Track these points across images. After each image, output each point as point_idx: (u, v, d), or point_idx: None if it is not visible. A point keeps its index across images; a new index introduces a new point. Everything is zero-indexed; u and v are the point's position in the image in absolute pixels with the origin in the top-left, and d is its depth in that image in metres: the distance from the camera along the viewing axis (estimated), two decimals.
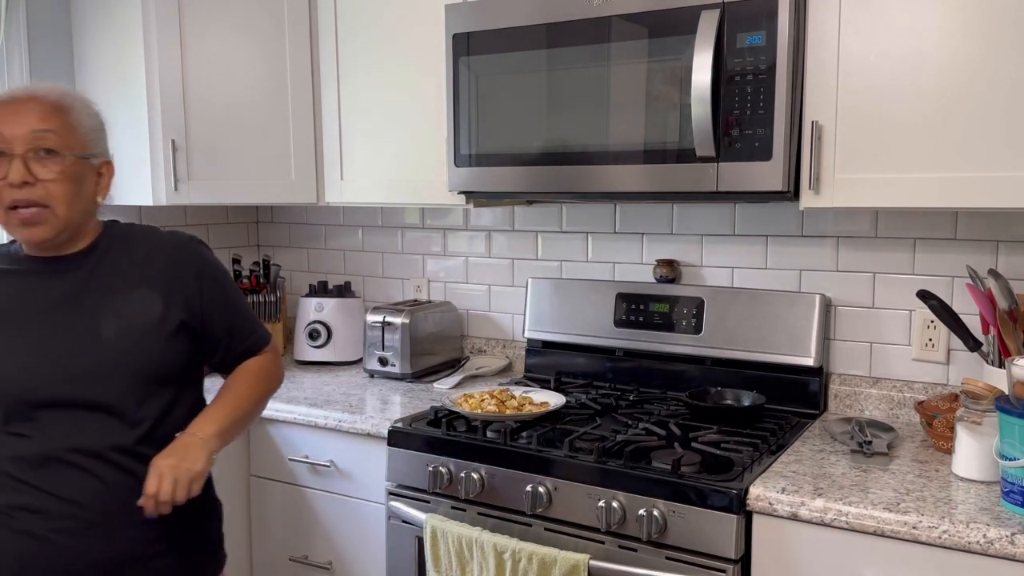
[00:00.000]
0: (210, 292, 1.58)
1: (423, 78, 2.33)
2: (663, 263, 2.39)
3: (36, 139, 1.40)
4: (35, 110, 1.42)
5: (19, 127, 1.40)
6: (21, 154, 1.39)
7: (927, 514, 1.52)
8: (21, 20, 2.48)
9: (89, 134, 1.49)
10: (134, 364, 1.46)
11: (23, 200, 1.40)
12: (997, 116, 1.65)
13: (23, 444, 1.42)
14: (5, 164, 1.40)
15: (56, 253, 1.50)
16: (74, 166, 1.44)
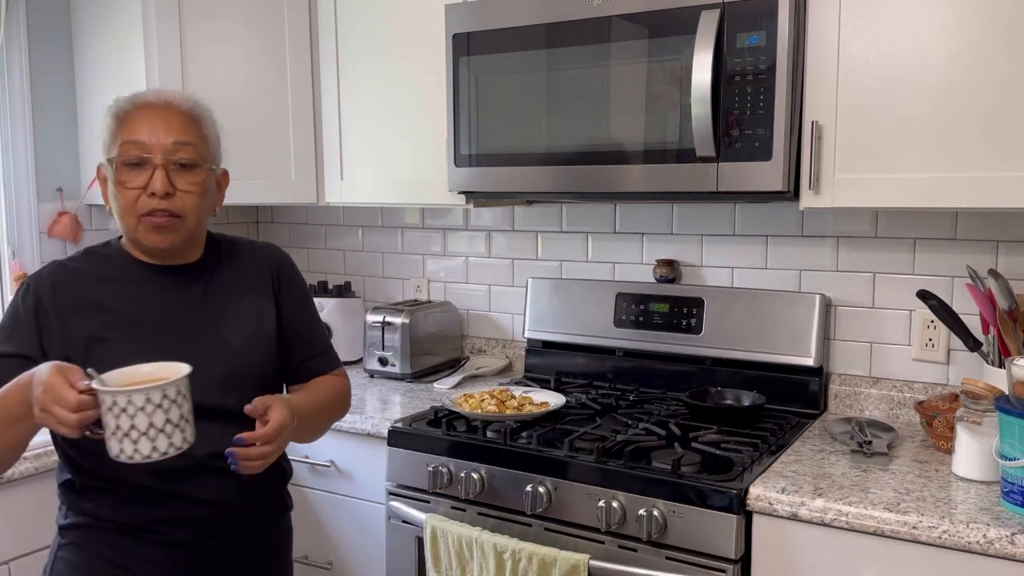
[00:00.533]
0: (295, 301, 1.59)
1: (423, 78, 2.33)
2: (663, 263, 2.39)
3: (176, 150, 1.40)
4: (174, 119, 1.41)
5: (160, 136, 1.39)
6: (162, 164, 1.38)
7: (927, 514, 1.52)
8: (21, 20, 2.48)
9: (215, 144, 1.50)
10: (261, 372, 1.49)
11: (161, 210, 1.39)
12: (998, 116, 1.65)
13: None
14: (145, 173, 1.38)
15: (173, 261, 1.47)
16: (207, 178, 1.44)
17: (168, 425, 1.14)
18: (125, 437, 1.12)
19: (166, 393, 1.13)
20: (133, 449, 1.13)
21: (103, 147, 1.41)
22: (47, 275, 1.42)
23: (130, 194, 1.38)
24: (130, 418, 1.11)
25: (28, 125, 2.51)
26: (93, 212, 2.68)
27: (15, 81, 2.48)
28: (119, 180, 1.38)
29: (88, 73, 2.58)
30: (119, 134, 1.39)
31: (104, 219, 2.71)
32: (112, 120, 1.41)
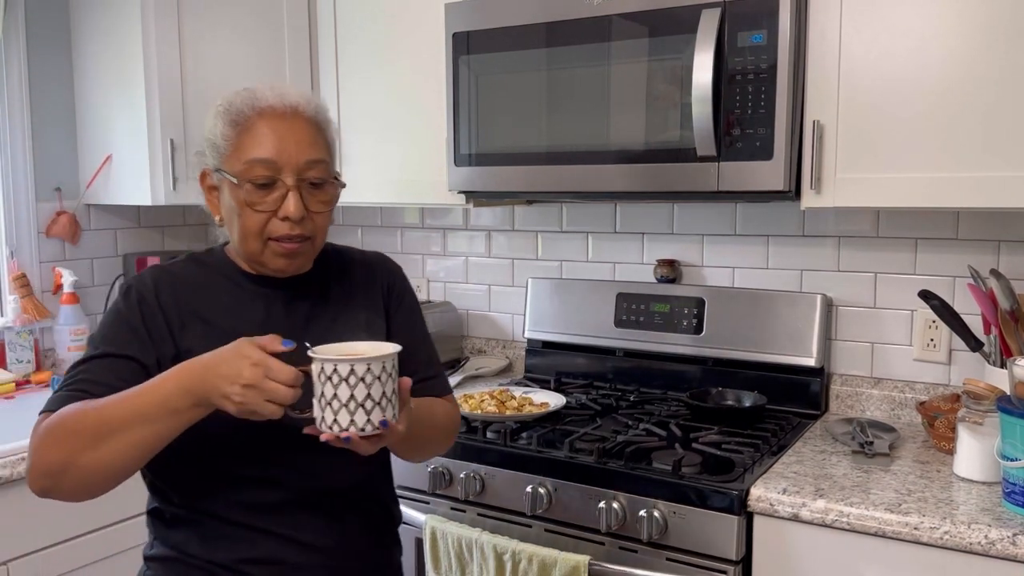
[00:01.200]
0: (405, 316, 1.46)
1: (423, 77, 2.32)
2: (664, 263, 2.38)
3: (307, 169, 1.25)
4: (302, 131, 1.26)
5: (291, 154, 1.23)
6: (295, 186, 1.23)
7: (928, 515, 1.52)
8: (20, 20, 2.48)
9: (335, 149, 1.35)
10: None
11: (296, 235, 1.25)
12: (1000, 116, 1.65)
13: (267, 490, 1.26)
14: (274, 193, 1.23)
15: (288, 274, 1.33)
16: (336, 194, 1.30)
17: (368, 401, 1.10)
18: (328, 407, 1.10)
19: (370, 368, 1.10)
20: (332, 420, 1.10)
21: (214, 153, 1.27)
22: (151, 279, 1.28)
23: (259, 217, 1.23)
24: (334, 387, 1.09)
25: (26, 124, 2.51)
26: (92, 211, 2.67)
27: (13, 80, 2.48)
28: (248, 202, 1.23)
29: (87, 72, 2.57)
30: (241, 148, 1.23)
31: (104, 219, 2.70)
32: (229, 128, 1.24)
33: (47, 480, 1.14)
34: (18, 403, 2.32)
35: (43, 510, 1.90)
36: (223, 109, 1.26)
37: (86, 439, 1.11)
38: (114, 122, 2.51)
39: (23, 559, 1.87)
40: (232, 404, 1.08)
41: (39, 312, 2.50)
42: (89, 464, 1.12)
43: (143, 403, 1.11)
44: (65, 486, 1.14)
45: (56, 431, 1.12)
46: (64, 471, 1.12)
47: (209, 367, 1.09)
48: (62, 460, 1.12)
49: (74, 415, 1.13)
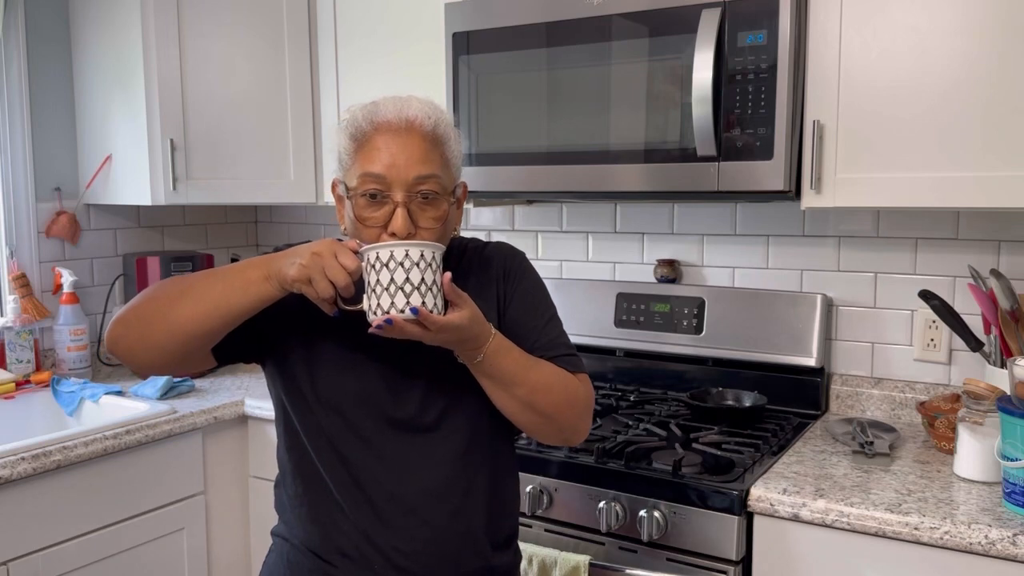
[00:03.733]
0: (520, 297, 1.44)
1: (423, 77, 2.32)
2: (664, 263, 2.38)
3: (417, 184, 1.25)
4: (416, 146, 1.26)
5: (400, 169, 1.23)
6: (403, 202, 1.23)
7: (929, 515, 1.51)
8: (19, 19, 2.47)
9: (457, 164, 1.35)
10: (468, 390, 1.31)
11: None
12: (1000, 116, 1.65)
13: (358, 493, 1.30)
14: (385, 207, 1.24)
15: None
16: (448, 210, 1.30)
17: (423, 286, 1.16)
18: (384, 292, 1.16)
19: (423, 255, 1.17)
20: (376, 305, 1.17)
21: (340, 165, 1.29)
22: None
23: (370, 232, 1.24)
24: (390, 272, 1.16)
25: (26, 124, 2.51)
26: (92, 211, 2.67)
27: (13, 80, 2.48)
28: (359, 216, 1.25)
29: (86, 72, 2.57)
30: (357, 161, 1.25)
31: (104, 219, 2.70)
32: (350, 142, 1.27)
33: (120, 327, 1.24)
34: (18, 403, 2.32)
35: (43, 510, 1.90)
36: (346, 123, 1.28)
37: (168, 295, 1.23)
38: (114, 122, 2.51)
39: (23, 559, 1.87)
40: (295, 270, 1.15)
41: (39, 312, 2.50)
42: (163, 316, 1.21)
43: (221, 269, 1.23)
44: (133, 338, 1.23)
45: (147, 291, 1.25)
46: (139, 319, 1.22)
47: (287, 252, 1.19)
48: (142, 310, 1.23)
49: (165, 281, 1.26)
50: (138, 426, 2.07)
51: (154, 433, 2.09)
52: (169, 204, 2.45)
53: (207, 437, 2.24)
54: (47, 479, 1.90)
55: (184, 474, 2.19)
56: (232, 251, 3.07)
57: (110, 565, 2.03)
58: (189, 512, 2.20)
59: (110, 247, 2.74)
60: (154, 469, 2.12)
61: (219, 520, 2.31)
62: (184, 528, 2.19)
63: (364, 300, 1.18)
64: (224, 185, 2.48)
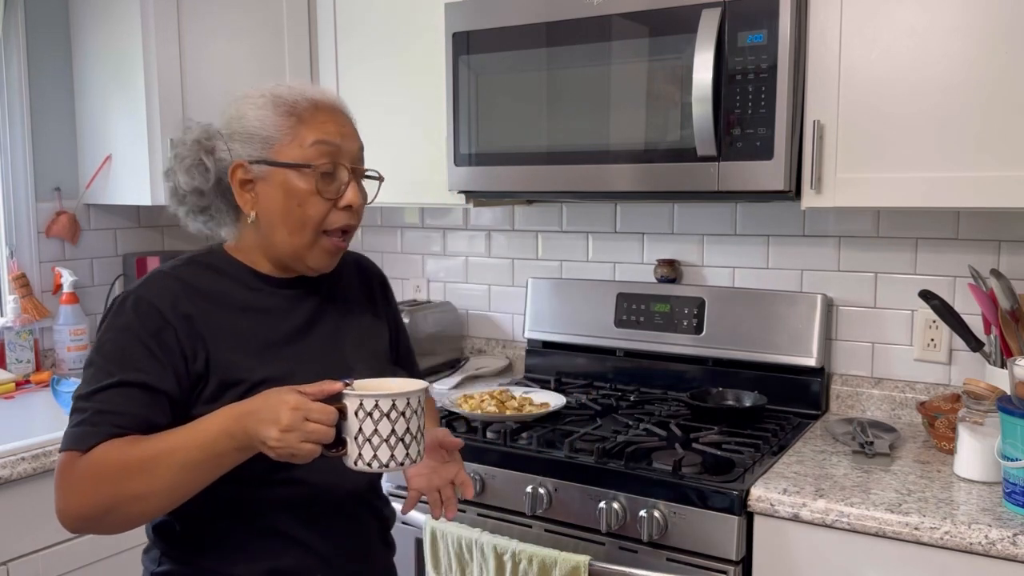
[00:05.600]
0: (395, 317, 1.49)
1: (423, 77, 2.32)
2: (664, 263, 2.38)
3: (360, 159, 1.28)
4: (349, 123, 1.28)
5: (351, 142, 1.25)
6: (353, 172, 1.25)
7: (929, 515, 1.51)
8: (20, 18, 2.47)
9: None
10: None
11: (351, 226, 1.28)
12: (1000, 115, 1.65)
13: (291, 488, 1.23)
14: (336, 184, 1.24)
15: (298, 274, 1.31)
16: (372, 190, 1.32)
17: (407, 435, 1.12)
18: (367, 443, 1.11)
19: (409, 402, 1.11)
20: (372, 456, 1.11)
21: (257, 145, 1.22)
22: (160, 289, 1.20)
23: (323, 206, 1.22)
24: (374, 423, 1.10)
25: (26, 124, 2.51)
26: (91, 211, 2.67)
27: (13, 80, 2.48)
28: (317, 190, 1.21)
29: (86, 72, 2.57)
30: (301, 135, 1.21)
31: (104, 219, 2.70)
32: (283, 118, 1.22)
33: (85, 522, 1.12)
34: (18, 403, 2.32)
35: (43, 510, 1.90)
36: (271, 101, 1.23)
37: (132, 486, 1.09)
38: (114, 122, 2.51)
39: (23, 559, 1.87)
40: (270, 448, 1.06)
41: (39, 312, 2.50)
42: (134, 508, 1.10)
43: (189, 450, 1.09)
44: (105, 526, 1.12)
45: (98, 475, 1.09)
46: (107, 514, 1.10)
47: (250, 412, 1.08)
48: (106, 504, 1.10)
49: (116, 460, 1.09)
50: None
51: None
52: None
53: None
54: (47, 479, 1.90)
55: None
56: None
57: (110, 565, 2.03)
58: None
59: (110, 247, 2.74)
60: None
61: None
62: None
63: (352, 447, 1.11)
64: None
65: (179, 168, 1.25)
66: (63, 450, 1.12)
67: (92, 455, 1.10)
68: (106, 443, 1.10)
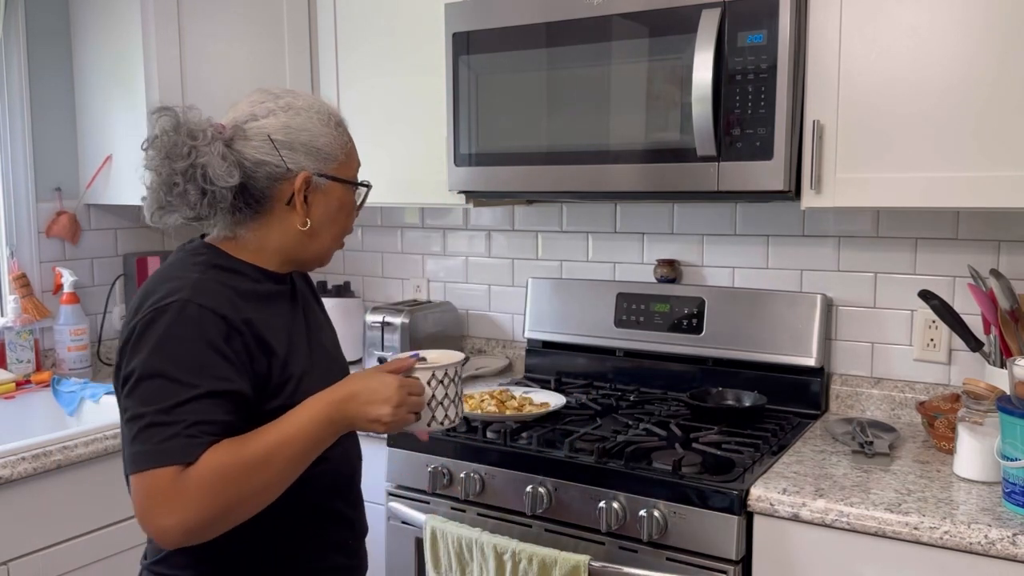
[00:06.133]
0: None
1: (423, 77, 2.32)
2: (664, 263, 2.38)
3: None
4: None
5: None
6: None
7: (928, 515, 1.51)
8: (20, 19, 2.47)
9: None
10: None
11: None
12: (1000, 115, 1.65)
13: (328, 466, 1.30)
14: (362, 196, 1.38)
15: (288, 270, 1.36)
16: None
17: (458, 398, 1.31)
18: (439, 406, 1.28)
19: (458, 370, 1.31)
20: (444, 416, 1.29)
21: (321, 161, 1.28)
22: (212, 296, 1.19)
23: (353, 218, 1.37)
24: (445, 388, 1.28)
25: (27, 124, 2.51)
26: (92, 212, 2.67)
27: (14, 80, 2.48)
28: (359, 204, 1.37)
29: (87, 72, 2.57)
30: (351, 155, 1.35)
31: (104, 219, 2.70)
32: (343, 137, 1.32)
33: (204, 530, 1.12)
34: (18, 403, 2.32)
35: (43, 510, 1.90)
36: (334, 119, 1.31)
37: (253, 484, 1.13)
38: (114, 122, 2.51)
39: (23, 559, 1.87)
40: (382, 425, 1.19)
41: (39, 312, 2.50)
42: (252, 505, 1.15)
43: (296, 442, 1.16)
44: (219, 529, 1.14)
45: (221, 479, 1.11)
46: (227, 515, 1.13)
47: (350, 396, 1.19)
48: (229, 505, 1.12)
49: (233, 462, 1.12)
50: None
51: None
52: None
53: None
54: (47, 479, 1.90)
55: None
56: None
57: (110, 565, 2.03)
58: None
59: (110, 247, 2.74)
60: None
61: None
62: None
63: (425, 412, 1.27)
64: None
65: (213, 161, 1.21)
66: (154, 467, 1.09)
67: (204, 463, 1.10)
68: (210, 450, 1.11)
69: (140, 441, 1.11)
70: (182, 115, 1.23)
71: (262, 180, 1.24)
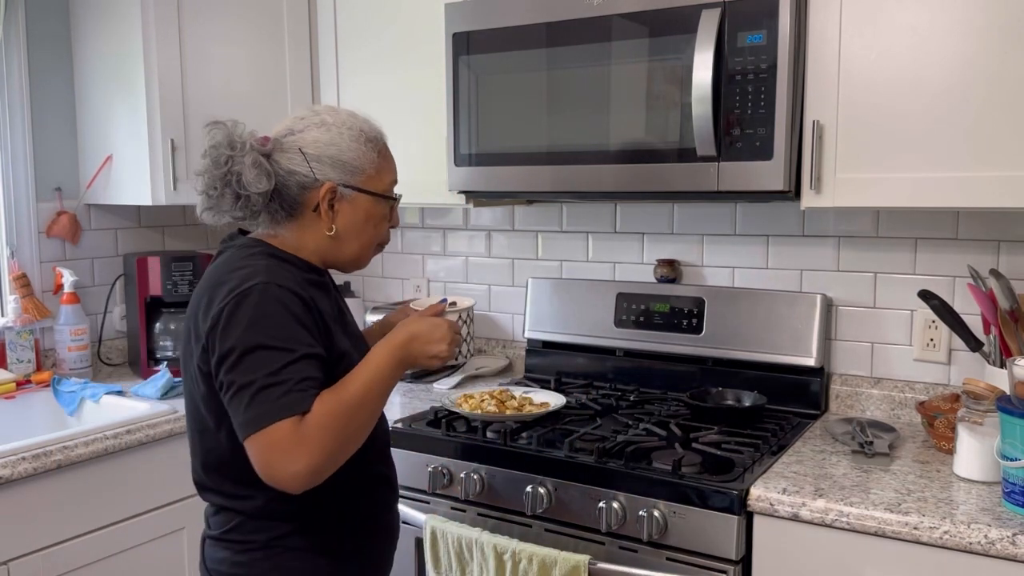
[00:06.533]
0: None
1: (423, 77, 2.32)
2: (664, 263, 2.38)
3: None
4: None
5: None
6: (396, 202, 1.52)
7: (928, 515, 1.52)
8: (20, 19, 2.47)
9: None
10: None
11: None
12: (999, 115, 1.65)
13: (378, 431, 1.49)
14: (393, 208, 1.50)
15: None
16: None
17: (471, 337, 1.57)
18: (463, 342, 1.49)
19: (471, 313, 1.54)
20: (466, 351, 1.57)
21: (350, 174, 1.41)
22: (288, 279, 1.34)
23: (386, 227, 1.49)
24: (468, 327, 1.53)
25: (27, 124, 2.51)
26: (92, 212, 2.67)
27: (14, 80, 2.48)
28: (386, 216, 1.48)
29: (87, 72, 2.57)
30: (383, 170, 1.45)
31: (104, 219, 2.70)
32: (374, 153, 1.44)
33: (329, 467, 1.27)
34: (18, 403, 2.32)
35: (43, 510, 1.90)
36: (362, 135, 1.43)
37: (359, 421, 1.31)
38: (114, 122, 2.51)
39: (23, 559, 1.87)
40: (439, 360, 1.41)
41: (39, 312, 2.50)
42: (360, 438, 1.33)
43: (380, 382, 1.34)
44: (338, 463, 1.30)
45: (336, 419, 1.27)
46: (345, 448, 1.30)
47: (413, 338, 1.39)
48: (346, 439, 1.29)
49: (340, 405, 1.28)
50: (139, 426, 2.07)
51: (155, 433, 2.09)
52: (170, 204, 2.45)
53: None
54: (48, 479, 1.90)
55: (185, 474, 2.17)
56: None
57: (110, 565, 2.03)
58: (190, 512, 2.19)
59: (111, 247, 2.74)
60: (155, 469, 2.12)
61: None
62: (184, 528, 2.19)
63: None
64: None
65: (245, 169, 1.36)
66: (275, 421, 1.23)
67: (316, 410, 1.26)
68: (317, 400, 1.27)
69: (256, 403, 1.24)
70: (230, 127, 1.39)
71: (293, 188, 1.39)
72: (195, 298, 1.37)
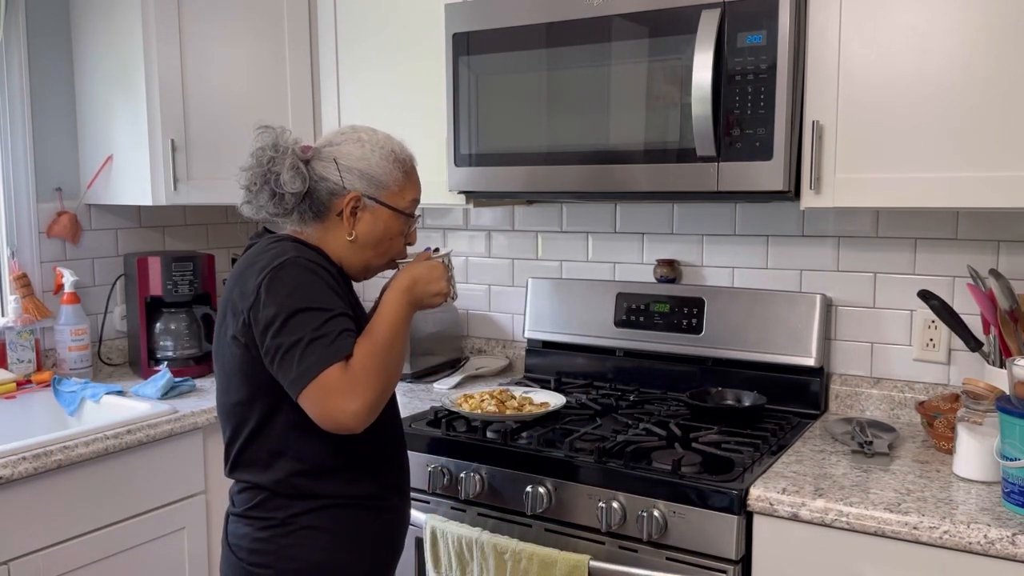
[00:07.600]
0: None
1: (423, 77, 2.32)
2: (663, 263, 2.39)
3: None
4: None
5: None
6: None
7: (928, 514, 1.52)
8: (20, 20, 2.48)
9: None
10: None
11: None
12: (998, 115, 1.65)
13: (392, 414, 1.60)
14: (410, 225, 1.61)
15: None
16: None
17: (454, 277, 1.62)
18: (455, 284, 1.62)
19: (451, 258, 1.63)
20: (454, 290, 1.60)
21: (375, 187, 1.53)
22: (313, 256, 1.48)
23: (403, 243, 1.60)
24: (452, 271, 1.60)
25: (27, 125, 2.51)
26: (92, 212, 2.68)
27: (14, 80, 2.48)
28: (403, 232, 1.59)
29: (87, 73, 2.57)
30: (406, 189, 1.57)
31: (105, 219, 2.71)
32: (399, 171, 1.56)
33: (379, 403, 1.39)
34: (19, 403, 2.32)
35: (43, 510, 1.90)
36: (392, 155, 1.56)
37: (394, 358, 1.43)
38: (115, 122, 2.51)
39: (23, 559, 1.87)
40: (442, 297, 1.55)
41: (40, 312, 2.50)
42: (397, 374, 1.45)
43: (400, 322, 1.47)
44: (385, 399, 1.41)
45: (376, 359, 1.39)
46: (390, 383, 1.42)
47: (416, 280, 1.52)
48: (390, 375, 1.42)
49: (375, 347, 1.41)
50: (139, 426, 2.07)
51: (155, 433, 2.10)
52: (170, 204, 2.45)
53: (208, 437, 2.24)
54: (48, 479, 1.90)
55: (185, 474, 2.20)
56: (233, 251, 3.07)
57: (110, 565, 2.03)
58: (190, 512, 2.20)
59: (111, 247, 2.74)
60: (155, 469, 2.12)
61: (220, 520, 2.31)
62: (185, 528, 2.19)
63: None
64: (225, 185, 2.48)
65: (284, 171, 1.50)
66: (326, 367, 1.36)
67: (357, 353, 1.39)
68: (356, 344, 1.40)
69: (307, 356, 1.36)
70: (278, 133, 1.54)
71: (323, 193, 1.52)
72: (229, 283, 1.50)
